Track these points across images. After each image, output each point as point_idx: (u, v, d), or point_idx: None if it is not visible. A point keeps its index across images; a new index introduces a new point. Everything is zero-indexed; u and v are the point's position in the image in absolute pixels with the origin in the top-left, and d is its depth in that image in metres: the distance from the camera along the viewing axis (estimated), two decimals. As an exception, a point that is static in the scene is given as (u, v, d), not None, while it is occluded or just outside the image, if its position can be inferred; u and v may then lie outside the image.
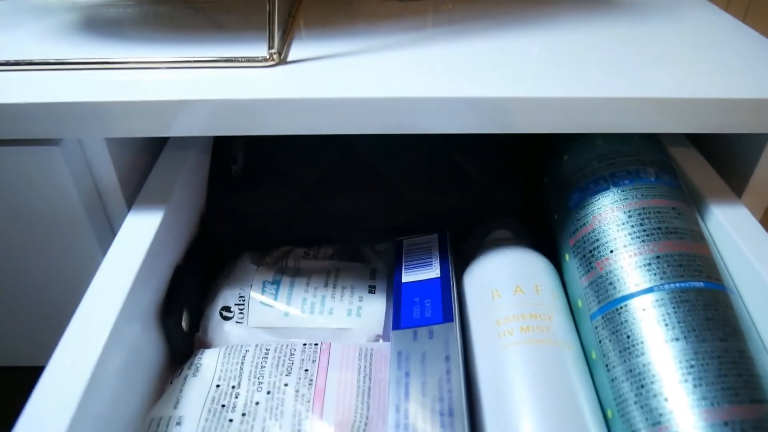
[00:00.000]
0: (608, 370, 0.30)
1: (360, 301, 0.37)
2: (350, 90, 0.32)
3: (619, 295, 0.31)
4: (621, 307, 0.30)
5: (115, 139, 0.35)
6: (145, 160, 0.40)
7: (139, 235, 0.32)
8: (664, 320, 0.29)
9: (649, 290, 0.30)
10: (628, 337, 0.29)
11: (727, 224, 0.33)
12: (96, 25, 0.40)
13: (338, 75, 0.34)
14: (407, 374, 0.29)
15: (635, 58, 0.37)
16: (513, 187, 0.44)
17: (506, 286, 0.34)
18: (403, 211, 0.42)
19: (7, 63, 0.34)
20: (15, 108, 0.31)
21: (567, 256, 0.35)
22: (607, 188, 0.35)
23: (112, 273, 0.29)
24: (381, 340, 0.35)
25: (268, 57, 0.34)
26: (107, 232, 0.38)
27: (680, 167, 0.39)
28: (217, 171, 0.43)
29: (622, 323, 0.30)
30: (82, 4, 0.43)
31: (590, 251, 0.33)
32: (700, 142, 0.41)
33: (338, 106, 0.32)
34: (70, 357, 0.25)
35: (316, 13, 0.42)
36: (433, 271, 0.35)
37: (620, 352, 0.30)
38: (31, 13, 0.42)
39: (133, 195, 0.37)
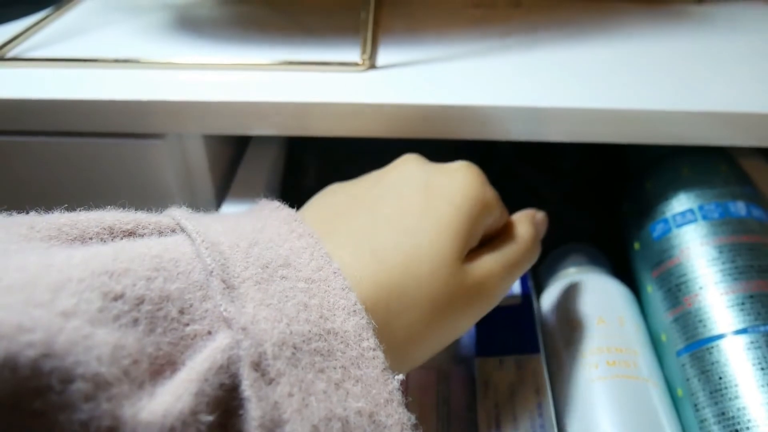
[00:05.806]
0: (697, 410, 0.29)
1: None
2: (442, 96, 0.32)
3: (709, 334, 0.30)
4: (712, 347, 0.30)
5: (209, 135, 0.36)
6: (230, 153, 0.40)
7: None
8: (760, 364, 0.28)
9: (743, 331, 0.29)
10: (720, 378, 0.29)
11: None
12: (187, 25, 0.41)
13: (429, 81, 0.34)
14: (496, 405, 0.28)
15: (705, 71, 0.36)
16: (585, 210, 0.43)
17: (588, 316, 0.33)
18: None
19: (116, 60, 0.34)
20: (123, 104, 0.31)
21: (649, 288, 0.35)
22: (694, 221, 0.34)
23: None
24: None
25: (360, 62, 0.34)
26: None
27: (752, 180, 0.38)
28: (288, 185, 0.42)
29: (713, 363, 0.29)
30: (170, 4, 0.43)
31: (677, 285, 0.33)
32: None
33: (432, 112, 0.32)
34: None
35: (396, 19, 0.42)
36: (512, 297, 0.34)
37: (711, 393, 0.29)
38: (121, 12, 0.42)
39: (220, 187, 0.38)
